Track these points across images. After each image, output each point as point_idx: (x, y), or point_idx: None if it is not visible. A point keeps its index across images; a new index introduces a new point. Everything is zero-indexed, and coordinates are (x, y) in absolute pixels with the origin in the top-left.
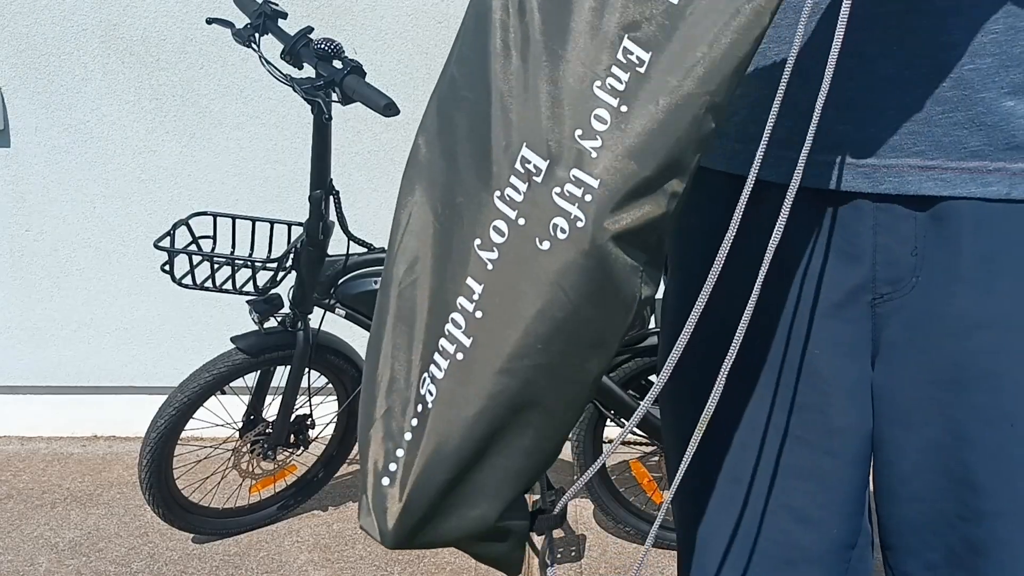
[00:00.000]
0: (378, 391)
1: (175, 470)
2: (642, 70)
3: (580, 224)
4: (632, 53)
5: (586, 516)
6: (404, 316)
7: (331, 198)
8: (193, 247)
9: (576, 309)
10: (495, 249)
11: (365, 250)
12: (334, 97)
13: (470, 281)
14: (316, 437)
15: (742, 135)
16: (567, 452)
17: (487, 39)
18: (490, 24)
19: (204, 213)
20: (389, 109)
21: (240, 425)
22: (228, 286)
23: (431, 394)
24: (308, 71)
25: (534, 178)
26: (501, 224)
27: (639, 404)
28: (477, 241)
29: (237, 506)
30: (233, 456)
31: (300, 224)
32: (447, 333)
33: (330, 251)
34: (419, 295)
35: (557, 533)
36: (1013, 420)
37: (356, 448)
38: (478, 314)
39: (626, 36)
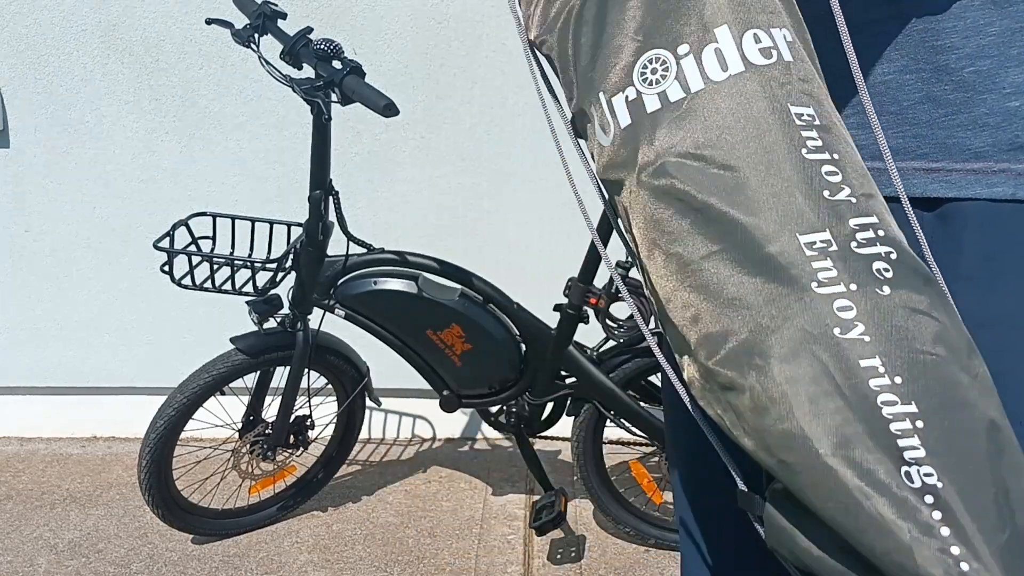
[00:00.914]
0: None
1: (175, 471)
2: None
3: (893, 255)
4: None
5: (586, 516)
6: None
7: (330, 198)
8: (192, 248)
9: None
10: (857, 323)
11: (364, 251)
12: (333, 98)
13: (864, 363)
14: (315, 438)
15: None
16: (567, 452)
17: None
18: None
19: (203, 214)
20: (389, 109)
21: (240, 426)
22: (227, 287)
23: None
24: (308, 72)
25: (830, 250)
26: (842, 302)
27: (639, 405)
28: (837, 330)
29: (236, 507)
30: (233, 457)
31: (299, 225)
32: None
33: (329, 252)
34: None
35: (557, 533)
36: (1019, 420)
37: (358, 449)
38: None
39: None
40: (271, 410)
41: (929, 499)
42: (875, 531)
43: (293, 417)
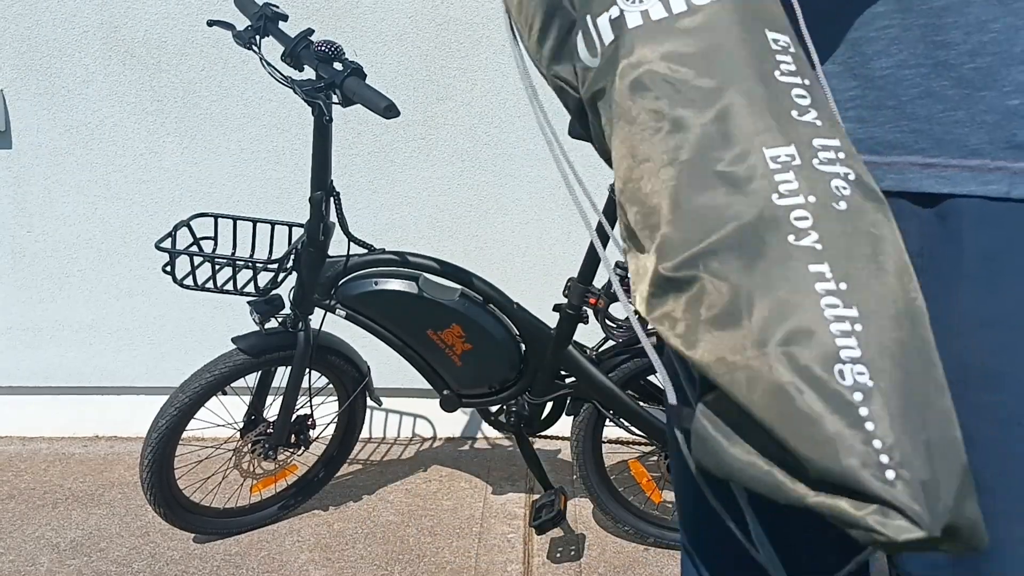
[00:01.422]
0: None
1: (176, 470)
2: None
3: (851, 176)
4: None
5: (585, 515)
6: None
7: (332, 199)
8: (194, 248)
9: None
10: (811, 232)
11: (365, 251)
12: (334, 99)
13: (813, 267)
14: (317, 437)
15: None
16: (566, 452)
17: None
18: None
19: (205, 214)
20: (389, 111)
21: (241, 425)
22: (229, 287)
23: None
24: (309, 73)
25: (793, 164)
26: (799, 212)
27: (638, 405)
28: (791, 237)
29: (238, 506)
30: (234, 456)
31: (301, 225)
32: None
33: (331, 252)
34: None
35: (556, 532)
36: (1019, 419)
37: (359, 448)
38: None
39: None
40: (272, 410)
41: (859, 396)
42: (803, 424)
43: (294, 417)
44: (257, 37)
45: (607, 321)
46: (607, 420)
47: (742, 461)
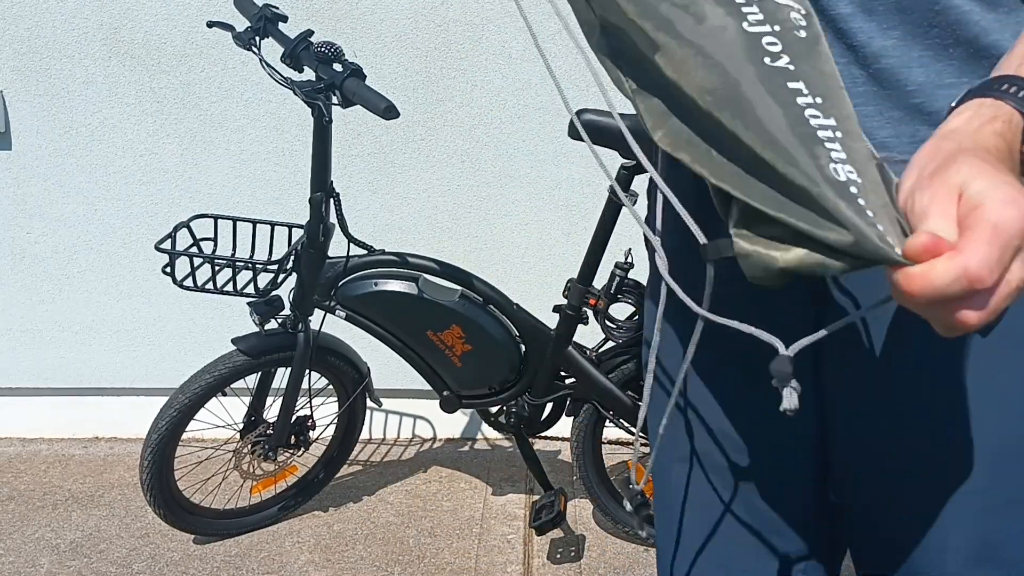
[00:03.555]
0: None
1: (176, 471)
2: None
3: (803, 11)
4: None
5: (585, 516)
6: None
7: (331, 200)
8: (194, 249)
9: None
10: (783, 55)
11: (365, 252)
12: (334, 100)
13: (792, 84)
14: (317, 438)
15: None
16: (566, 452)
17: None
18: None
19: (205, 215)
20: (389, 112)
21: (241, 426)
22: (229, 288)
23: None
24: (308, 74)
25: (760, 2)
26: (769, 39)
27: (638, 405)
28: (767, 59)
29: (238, 507)
30: (234, 457)
31: (300, 226)
32: None
33: (330, 253)
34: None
35: (556, 533)
36: (936, 420)
37: (358, 447)
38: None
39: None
40: (272, 411)
41: (853, 189)
42: (822, 210)
43: (294, 418)
44: (257, 38)
45: (607, 322)
46: (607, 421)
47: (786, 258)
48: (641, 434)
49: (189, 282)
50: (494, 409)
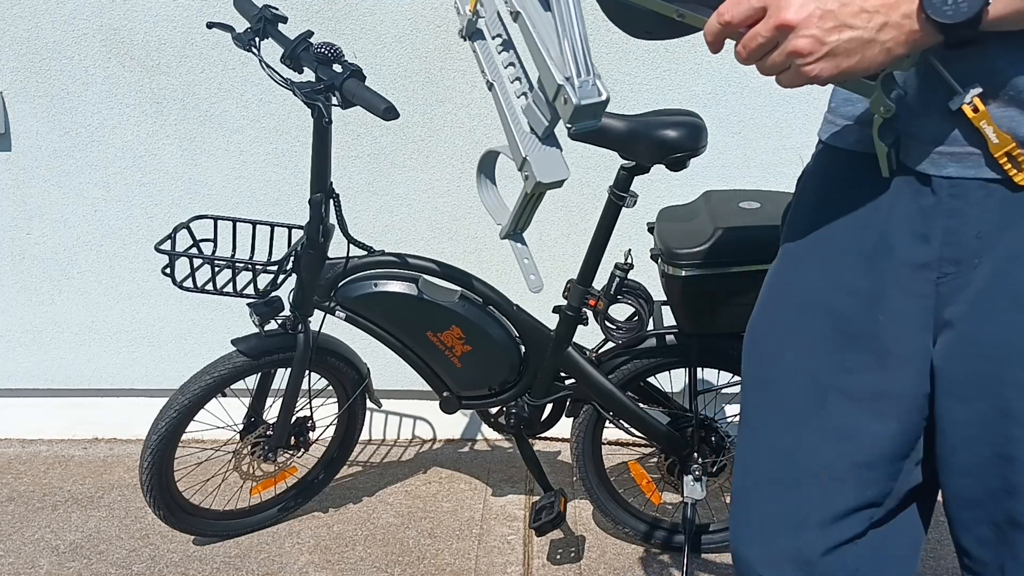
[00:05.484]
0: None
1: (176, 472)
2: None
3: None
4: None
5: (585, 517)
6: None
7: (331, 201)
8: (194, 250)
9: None
10: None
11: (365, 253)
12: (334, 101)
13: None
14: (316, 439)
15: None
16: (566, 453)
17: None
18: None
19: (205, 216)
20: (389, 113)
21: (241, 427)
22: (229, 289)
23: None
24: (308, 75)
25: None
26: None
27: (638, 406)
28: None
29: (238, 508)
30: (234, 458)
31: (300, 227)
32: None
33: (330, 254)
34: None
35: (556, 534)
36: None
37: (356, 449)
38: None
39: None
40: (272, 412)
41: None
42: None
43: (294, 418)
44: (256, 39)
45: (607, 323)
46: (607, 422)
47: None
48: (642, 436)
49: (189, 283)
50: (494, 410)
